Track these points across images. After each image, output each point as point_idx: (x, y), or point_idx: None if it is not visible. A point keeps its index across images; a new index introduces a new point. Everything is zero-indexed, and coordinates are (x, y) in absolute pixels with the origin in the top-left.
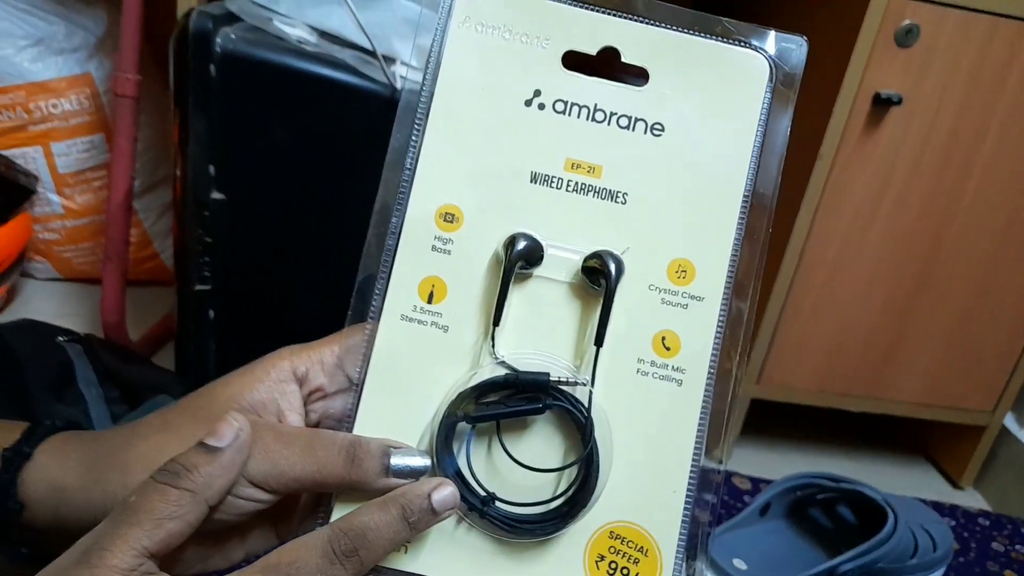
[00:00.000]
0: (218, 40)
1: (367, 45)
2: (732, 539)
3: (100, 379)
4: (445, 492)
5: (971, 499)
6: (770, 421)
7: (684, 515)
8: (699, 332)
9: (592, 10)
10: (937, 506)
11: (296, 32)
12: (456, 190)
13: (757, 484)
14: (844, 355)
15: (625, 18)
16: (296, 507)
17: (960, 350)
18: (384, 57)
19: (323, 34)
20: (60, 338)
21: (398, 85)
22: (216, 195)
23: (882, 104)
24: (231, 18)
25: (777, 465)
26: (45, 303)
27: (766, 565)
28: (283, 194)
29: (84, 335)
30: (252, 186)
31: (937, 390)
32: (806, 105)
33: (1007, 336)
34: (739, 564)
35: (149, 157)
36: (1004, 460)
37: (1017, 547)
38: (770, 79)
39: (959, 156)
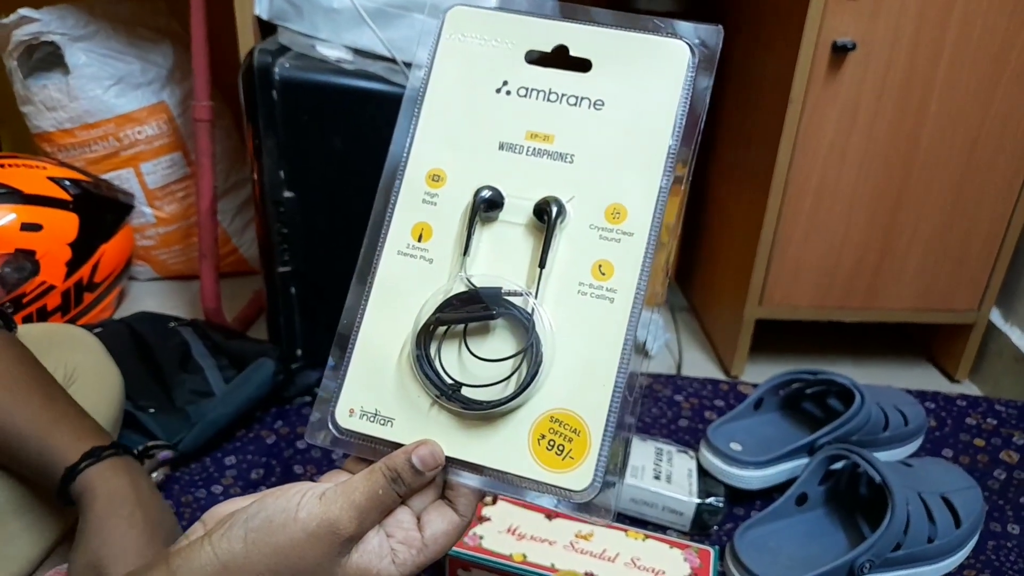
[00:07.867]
0: (276, 70)
1: (393, 56)
2: (730, 428)
3: (211, 352)
4: (423, 451)
5: (968, 391)
6: (783, 340)
7: (612, 405)
8: (629, 261)
9: (547, 18)
10: (921, 393)
11: (335, 53)
12: (442, 157)
13: None
14: (838, 273)
15: (572, 22)
16: None
17: (943, 256)
18: (408, 65)
19: (358, 51)
20: (172, 324)
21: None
22: (288, 194)
23: (839, 51)
24: (283, 50)
25: None
26: (151, 299)
27: (758, 446)
28: (341, 188)
29: (191, 319)
30: (316, 184)
31: (926, 295)
32: (775, 56)
33: (984, 239)
34: (735, 446)
35: (221, 167)
36: (994, 352)
37: (988, 419)
38: (691, 59)
39: (918, 86)
